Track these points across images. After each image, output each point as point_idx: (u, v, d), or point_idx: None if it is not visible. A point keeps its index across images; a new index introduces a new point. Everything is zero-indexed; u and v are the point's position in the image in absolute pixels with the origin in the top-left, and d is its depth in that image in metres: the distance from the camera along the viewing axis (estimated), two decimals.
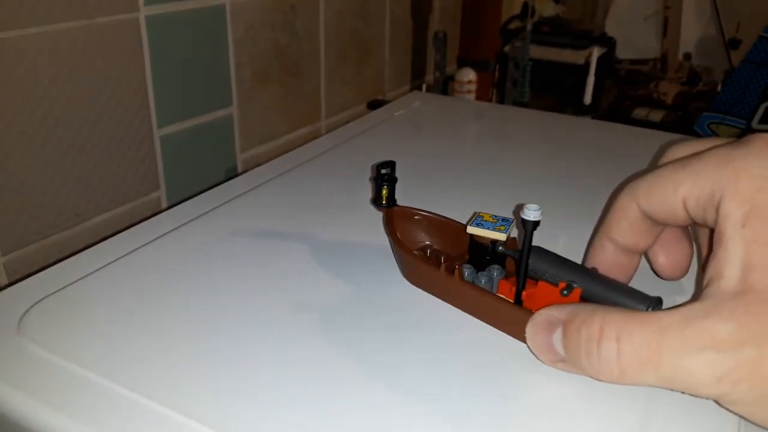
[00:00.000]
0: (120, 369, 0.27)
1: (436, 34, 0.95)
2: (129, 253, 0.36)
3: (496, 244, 0.31)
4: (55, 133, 0.48)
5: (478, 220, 0.32)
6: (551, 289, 0.29)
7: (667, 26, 1.40)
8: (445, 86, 0.97)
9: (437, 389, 0.27)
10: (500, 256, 0.32)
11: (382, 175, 0.35)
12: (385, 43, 0.89)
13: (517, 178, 0.48)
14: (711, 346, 0.22)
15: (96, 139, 0.51)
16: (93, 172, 0.52)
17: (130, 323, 0.30)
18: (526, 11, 1.04)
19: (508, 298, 0.30)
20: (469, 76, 0.91)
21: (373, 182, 0.36)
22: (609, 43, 1.22)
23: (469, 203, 0.38)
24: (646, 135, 0.58)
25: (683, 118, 1.09)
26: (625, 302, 0.28)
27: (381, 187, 0.35)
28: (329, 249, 0.37)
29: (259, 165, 0.49)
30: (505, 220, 0.32)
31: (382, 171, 0.35)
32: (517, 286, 0.30)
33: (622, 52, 1.35)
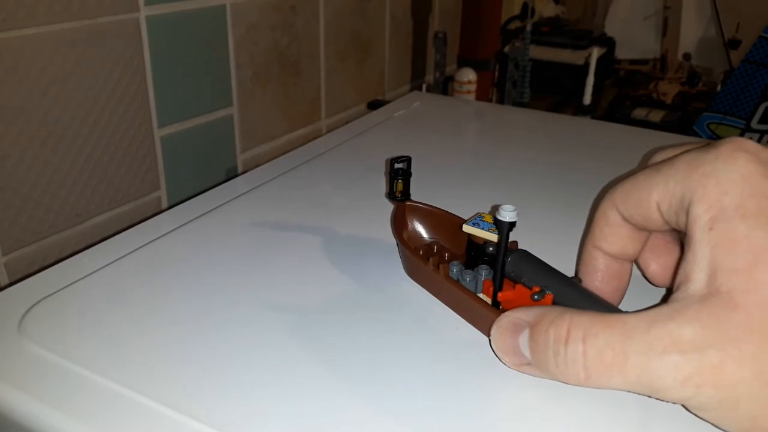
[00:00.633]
0: (120, 369, 0.27)
1: (436, 34, 0.95)
2: (129, 253, 0.36)
3: (486, 244, 0.31)
4: (55, 133, 0.48)
5: (477, 220, 0.32)
6: (526, 293, 0.29)
7: (667, 26, 1.40)
8: (445, 86, 0.97)
9: (437, 389, 0.27)
10: (492, 256, 0.32)
11: (396, 170, 0.36)
12: (385, 43, 0.89)
13: (516, 179, 0.48)
14: (674, 349, 0.21)
15: (96, 139, 0.51)
16: (93, 172, 0.52)
17: (130, 323, 0.30)
18: (526, 11, 1.04)
19: (488, 298, 0.30)
20: (469, 76, 0.91)
21: (388, 176, 0.37)
22: (609, 43, 1.22)
23: (468, 203, 0.39)
24: (646, 135, 0.59)
25: (683, 119, 1.09)
26: None
27: (395, 181, 0.36)
28: (329, 249, 0.37)
29: (259, 165, 0.49)
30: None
31: (396, 165, 0.36)
32: (494, 287, 0.30)
33: (622, 52, 1.35)
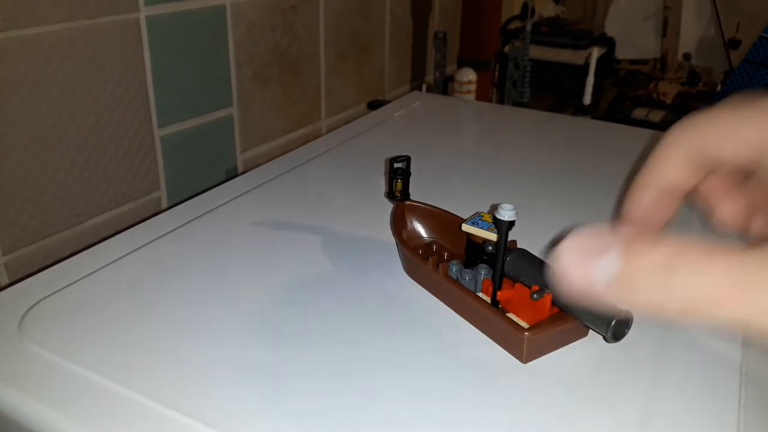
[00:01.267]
0: (119, 368, 0.27)
1: (436, 34, 0.95)
2: (129, 253, 0.36)
3: (485, 244, 0.31)
4: (55, 132, 0.48)
5: (476, 219, 0.32)
6: (526, 292, 0.29)
7: (667, 26, 1.40)
8: (445, 86, 0.97)
9: (435, 388, 0.27)
10: (492, 255, 0.32)
11: (396, 169, 0.36)
12: (385, 43, 0.89)
13: (516, 178, 0.48)
14: None
15: (96, 139, 0.51)
16: (93, 172, 0.52)
17: (130, 323, 0.30)
18: (526, 11, 1.04)
19: (488, 297, 0.30)
20: (469, 76, 0.91)
21: (387, 176, 0.37)
22: (609, 44, 1.22)
23: (468, 202, 0.39)
24: (646, 135, 0.59)
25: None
26: (592, 315, 0.28)
27: (395, 181, 0.36)
28: (329, 248, 0.37)
29: (259, 165, 0.49)
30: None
31: (395, 165, 0.36)
32: (493, 286, 0.30)
33: (622, 53, 1.35)
